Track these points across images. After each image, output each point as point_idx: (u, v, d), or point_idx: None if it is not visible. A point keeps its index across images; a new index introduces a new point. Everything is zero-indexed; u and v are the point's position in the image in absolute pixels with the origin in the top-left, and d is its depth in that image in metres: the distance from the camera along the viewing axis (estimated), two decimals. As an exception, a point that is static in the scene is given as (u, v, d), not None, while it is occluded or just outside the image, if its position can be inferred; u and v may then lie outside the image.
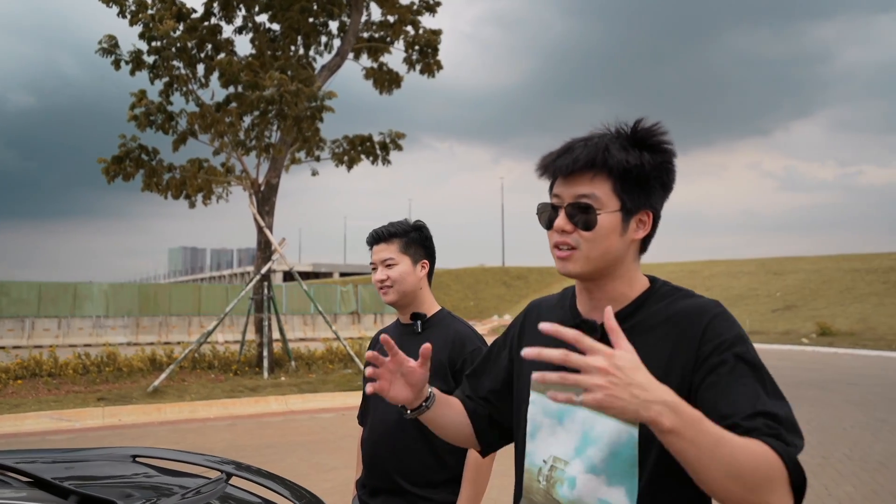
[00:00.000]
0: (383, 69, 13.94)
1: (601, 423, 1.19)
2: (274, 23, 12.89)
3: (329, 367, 12.75)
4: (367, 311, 31.75)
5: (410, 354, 2.24)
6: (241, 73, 10.79)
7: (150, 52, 10.95)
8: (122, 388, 10.60)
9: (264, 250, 12.38)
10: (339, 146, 13.57)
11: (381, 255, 2.23)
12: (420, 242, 2.27)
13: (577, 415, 1.24)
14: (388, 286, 2.22)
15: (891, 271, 32.29)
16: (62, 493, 2.29)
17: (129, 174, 11.76)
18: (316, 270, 72.19)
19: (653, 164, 1.21)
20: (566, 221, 1.23)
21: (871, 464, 6.61)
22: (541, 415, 1.31)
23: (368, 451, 2.26)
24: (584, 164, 1.20)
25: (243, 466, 2.99)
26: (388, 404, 2.17)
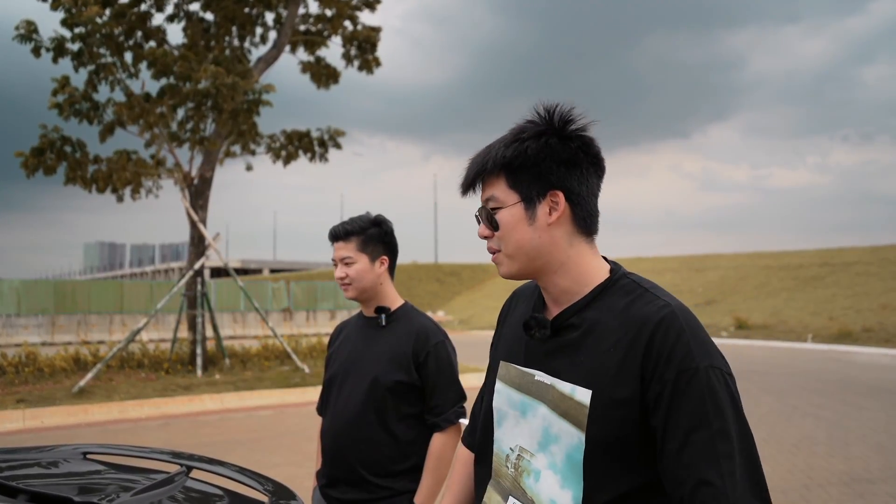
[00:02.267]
0: (321, 63, 13.80)
1: (557, 423, 1.18)
2: (207, 12, 12.54)
3: (265, 365, 12.55)
4: (299, 308, 31.28)
5: (376, 347, 2.25)
6: (175, 64, 10.45)
7: (73, 38, 10.42)
8: (44, 390, 10.10)
9: (197, 245, 12.04)
10: (275, 141, 13.36)
11: (339, 252, 2.27)
12: (379, 238, 2.29)
13: (538, 410, 1.23)
14: (347, 283, 2.27)
15: (800, 268, 34.43)
16: (10, 492, 2.24)
17: (50, 167, 11.18)
18: (245, 267, 70.36)
19: (537, 149, 1.20)
20: (483, 228, 1.28)
21: (785, 446, 7.13)
22: (506, 405, 1.31)
23: (329, 441, 2.27)
24: (475, 174, 1.24)
25: (201, 458, 2.97)
26: (349, 394, 2.23)
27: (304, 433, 7.94)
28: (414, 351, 2.21)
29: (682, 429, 1.06)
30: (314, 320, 30.86)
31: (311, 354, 14.12)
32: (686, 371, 1.07)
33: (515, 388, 1.29)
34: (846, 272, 31.18)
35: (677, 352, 1.09)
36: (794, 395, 10.60)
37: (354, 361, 2.28)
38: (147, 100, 11.40)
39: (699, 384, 1.07)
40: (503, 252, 1.25)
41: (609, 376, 1.13)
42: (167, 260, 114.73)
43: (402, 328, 2.26)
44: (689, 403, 1.06)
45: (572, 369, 1.18)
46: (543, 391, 1.22)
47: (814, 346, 20.53)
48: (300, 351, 14.14)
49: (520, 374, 1.29)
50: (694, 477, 1.04)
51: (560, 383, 1.19)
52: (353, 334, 2.38)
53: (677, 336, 1.10)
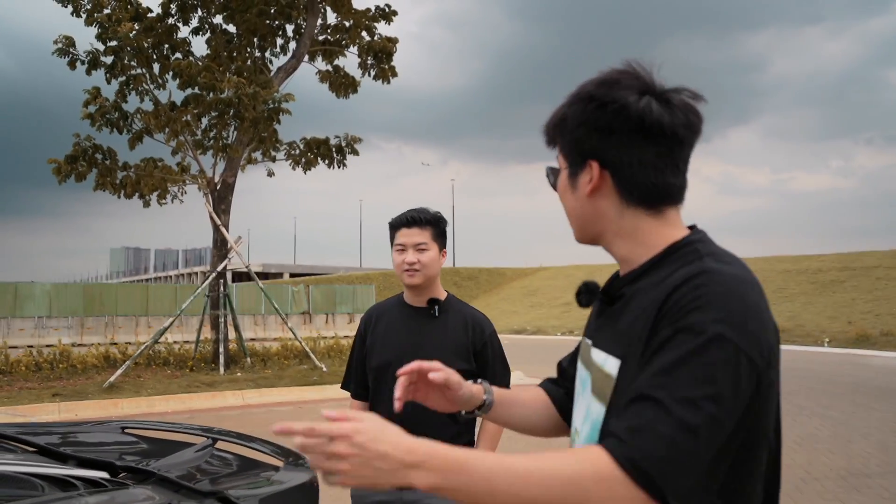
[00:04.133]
0: (339, 73, 14.26)
1: (592, 401, 1.13)
2: (230, 24, 13.06)
3: (284, 363, 12.99)
4: (318, 312, 31.79)
5: (428, 336, 2.32)
6: (200, 75, 10.96)
7: (106, 52, 11.00)
8: (77, 385, 10.62)
9: (220, 249, 12.54)
10: (295, 149, 13.84)
11: (414, 238, 2.29)
12: (443, 233, 2.39)
13: (588, 386, 1.16)
14: (417, 270, 2.29)
15: (818, 272, 34.20)
16: (62, 458, 2.60)
17: (82, 174, 11.77)
18: (265, 271, 71.33)
19: (574, 114, 1.11)
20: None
21: (787, 443, 7.32)
22: (578, 384, 1.26)
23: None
24: (546, 139, 1.21)
25: (226, 432, 3.33)
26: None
27: (321, 427, 8.31)
28: (472, 341, 2.31)
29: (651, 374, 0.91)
30: (333, 323, 31.33)
31: (329, 354, 14.55)
32: (686, 330, 0.90)
33: (582, 362, 1.24)
34: (867, 276, 30.92)
35: (686, 308, 0.92)
36: (803, 396, 10.73)
37: (414, 350, 2.22)
38: (173, 109, 11.94)
39: (694, 348, 0.88)
40: (569, 217, 1.21)
41: (634, 343, 1.00)
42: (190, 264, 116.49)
43: (455, 319, 2.34)
44: (671, 357, 0.89)
45: (608, 338, 1.11)
46: (592, 366, 1.16)
47: (830, 349, 20.48)
48: (318, 351, 14.57)
49: (584, 348, 1.26)
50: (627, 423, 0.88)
51: (597, 352, 1.13)
52: (398, 323, 2.38)
53: (695, 293, 0.93)
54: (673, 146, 1.08)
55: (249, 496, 2.26)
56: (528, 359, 16.30)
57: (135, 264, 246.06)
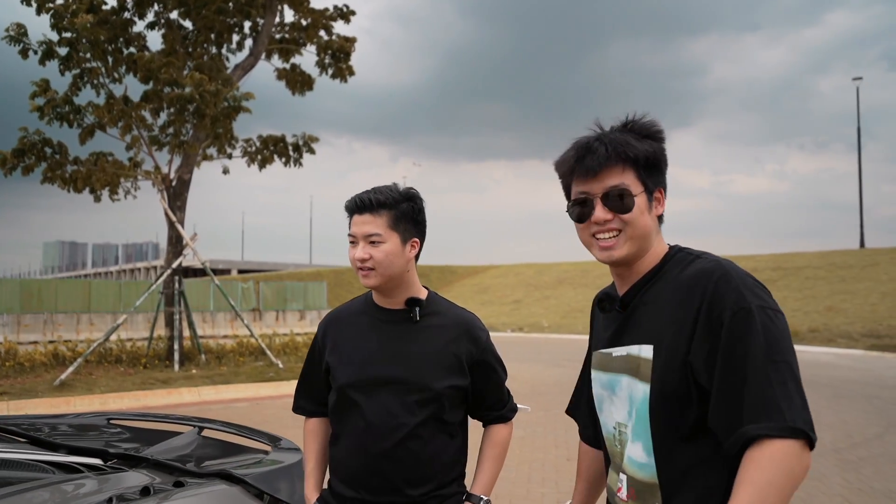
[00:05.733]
0: (296, 71, 14.32)
1: (633, 385, 1.34)
2: (187, 20, 12.96)
3: (240, 360, 13.01)
4: (268, 308, 31.50)
5: (410, 345, 1.85)
6: (160, 70, 10.89)
7: (60, 42, 10.81)
8: (25, 383, 10.43)
9: (175, 245, 12.46)
10: (251, 146, 13.84)
11: (364, 228, 1.80)
12: (412, 217, 1.85)
13: (622, 382, 1.38)
14: (370, 268, 1.81)
15: (754, 272, 35.78)
16: (53, 447, 2.70)
17: (29, 167, 11.52)
18: (213, 267, 69.67)
19: (659, 150, 1.40)
20: (605, 210, 1.37)
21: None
22: (600, 388, 1.47)
23: (361, 462, 1.84)
24: (614, 159, 1.35)
25: (210, 420, 3.44)
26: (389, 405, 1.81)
27: (280, 422, 8.46)
28: (468, 351, 1.88)
29: (740, 361, 1.18)
30: (283, 320, 31.11)
31: (285, 351, 14.61)
32: (741, 310, 1.20)
33: (603, 370, 1.45)
34: (797, 276, 32.64)
35: (728, 295, 1.22)
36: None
37: (392, 363, 1.84)
38: (126, 103, 11.80)
39: (754, 321, 1.19)
40: (626, 234, 1.36)
41: (666, 329, 1.29)
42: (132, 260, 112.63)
43: (442, 323, 1.89)
44: (746, 339, 1.18)
45: (638, 333, 1.35)
46: (623, 363, 1.38)
47: (763, 345, 21.59)
48: (273, 348, 14.61)
49: (603, 357, 1.46)
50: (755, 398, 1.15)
51: (631, 347, 1.36)
52: (369, 329, 1.91)
53: (726, 281, 1.24)
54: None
55: (252, 474, 2.25)
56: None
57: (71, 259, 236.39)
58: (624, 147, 1.35)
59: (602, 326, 1.52)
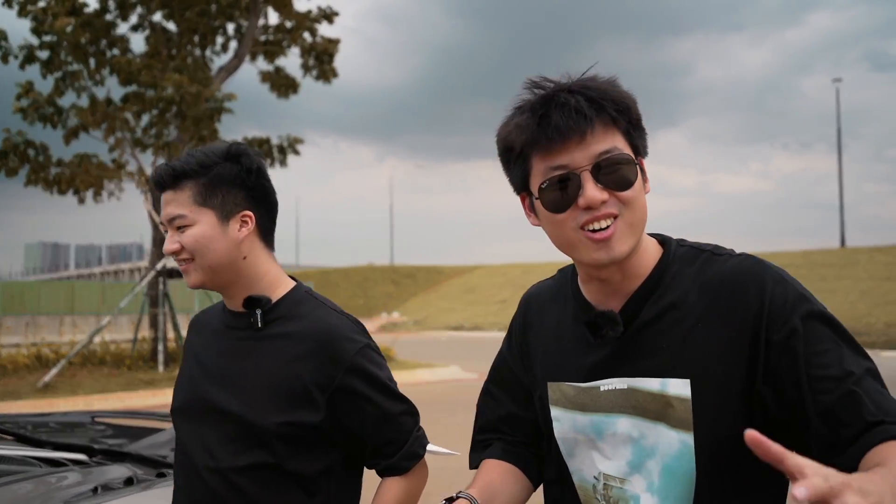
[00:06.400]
0: (280, 73, 14.40)
1: (652, 431, 1.01)
2: (170, 22, 13.01)
3: (224, 362, 13.07)
4: (254, 310, 31.52)
5: (247, 366, 1.35)
6: (140, 72, 10.95)
7: (41, 46, 10.84)
8: (8, 385, 10.43)
9: (160, 247, 12.49)
10: (236, 146, 13.88)
11: (166, 209, 1.37)
12: (236, 181, 1.36)
13: (617, 426, 1.05)
14: (187, 260, 1.36)
15: (737, 271, 36.43)
16: (37, 443, 2.81)
17: (12, 169, 11.52)
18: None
19: (634, 104, 1.03)
20: (599, 188, 0.98)
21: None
22: (571, 431, 1.11)
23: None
24: (599, 114, 0.98)
25: None
26: (205, 444, 1.34)
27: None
28: (322, 372, 1.32)
29: (835, 366, 0.92)
30: (269, 321, 31.12)
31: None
32: (811, 315, 0.95)
33: (578, 409, 1.09)
34: (779, 275, 33.14)
35: (791, 298, 0.96)
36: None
37: (214, 387, 1.37)
38: (109, 105, 11.84)
39: (825, 325, 0.96)
40: (625, 219, 0.99)
41: (707, 354, 0.98)
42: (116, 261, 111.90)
43: (292, 332, 1.35)
44: (830, 343, 0.94)
45: (656, 361, 1.01)
46: (620, 400, 1.04)
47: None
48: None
49: (580, 393, 1.09)
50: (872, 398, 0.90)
51: (644, 381, 1.02)
52: (212, 340, 1.45)
53: (783, 284, 0.98)
54: None
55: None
56: (466, 355, 16.90)
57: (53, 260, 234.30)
58: (608, 95, 0.98)
59: (560, 351, 1.14)
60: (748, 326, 0.97)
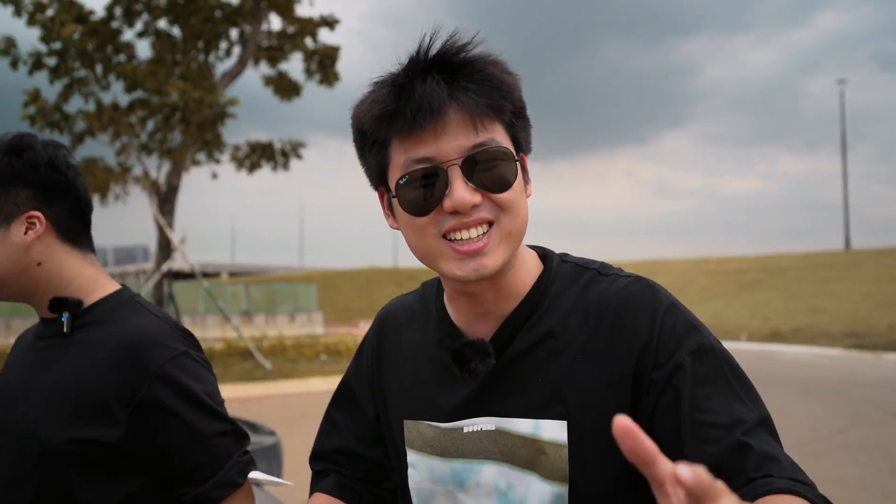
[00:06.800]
0: (283, 78, 14.62)
1: (522, 482, 0.87)
2: (175, 28, 13.24)
3: (229, 362, 13.28)
4: (258, 311, 31.69)
5: (41, 370, 1.18)
6: (146, 79, 11.19)
7: (49, 53, 11.10)
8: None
9: (165, 249, 12.73)
10: (239, 151, 14.14)
11: None
12: (18, 179, 1.19)
13: (482, 474, 0.90)
14: None
15: (740, 273, 36.41)
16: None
17: (21, 173, 11.77)
18: (203, 270, 69.78)
19: (518, 90, 0.87)
20: (470, 188, 0.82)
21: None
22: (428, 481, 0.95)
23: None
24: (475, 98, 0.81)
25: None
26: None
27: (267, 420, 8.73)
28: (126, 383, 1.14)
29: (712, 412, 0.79)
30: (273, 323, 31.32)
31: (273, 353, 14.88)
32: (701, 349, 0.82)
33: (438, 454, 0.94)
34: (782, 277, 33.21)
35: (680, 329, 0.84)
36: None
37: (8, 400, 1.23)
38: (115, 110, 12.07)
39: (718, 361, 0.83)
40: (502, 228, 0.84)
41: (588, 393, 0.84)
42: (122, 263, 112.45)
43: (99, 339, 1.19)
44: (714, 385, 0.81)
45: (528, 399, 0.87)
46: (486, 444, 0.90)
47: (747, 345, 22.05)
48: (262, 349, 14.88)
49: (440, 435, 0.94)
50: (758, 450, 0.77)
51: (514, 423, 0.87)
52: (24, 353, 1.31)
53: (673, 313, 0.85)
54: None
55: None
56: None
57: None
58: (491, 74, 0.82)
59: (432, 384, 0.95)
60: (633, 360, 0.84)
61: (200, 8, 12.42)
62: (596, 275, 0.92)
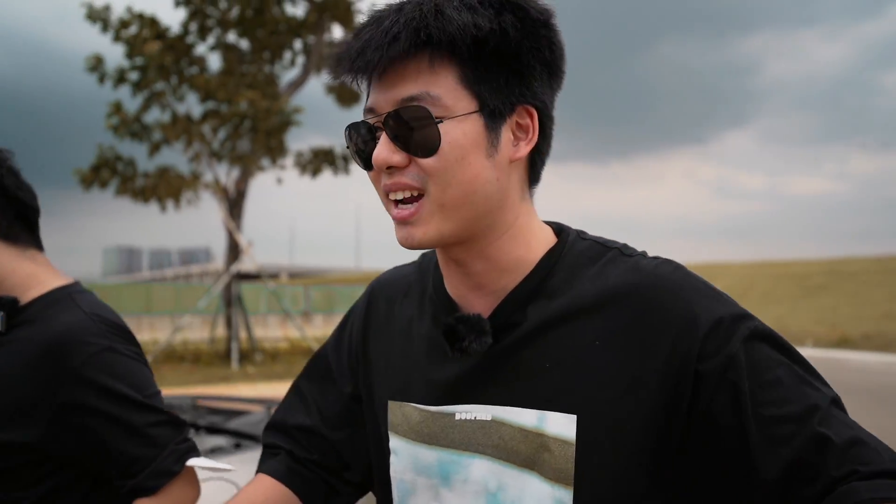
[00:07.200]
0: (343, 86, 15.08)
1: (517, 482, 0.76)
2: (243, 38, 13.93)
3: (292, 361, 13.83)
4: (316, 311, 32.55)
5: None
6: (218, 90, 11.86)
7: (132, 69, 11.93)
8: (101, 379, 11.42)
9: (233, 252, 13.39)
10: (302, 156, 14.74)
11: None
12: None
13: (471, 469, 0.80)
14: None
15: (805, 277, 35.18)
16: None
17: (104, 181, 12.63)
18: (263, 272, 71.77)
19: (522, 29, 0.74)
20: (389, 146, 0.74)
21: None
22: (410, 471, 0.85)
23: None
24: (405, 43, 0.70)
25: (278, 401, 4.07)
26: None
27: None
28: (44, 381, 1.13)
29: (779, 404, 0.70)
30: (331, 323, 32.11)
31: (334, 352, 15.43)
32: (754, 335, 0.73)
33: (423, 441, 0.84)
34: (851, 281, 31.92)
35: (727, 316, 0.73)
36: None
37: None
38: (189, 120, 12.82)
39: (775, 344, 0.74)
40: (432, 196, 0.74)
41: (604, 384, 0.74)
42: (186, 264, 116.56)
43: (31, 336, 1.17)
44: (775, 371, 0.72)
45: (533, 387, 0.77)
46: (479, 435, 0.80)
47: (813, 351, 21.35)
48: (324, 349, 15.45)
49: (427, 419, 0.84)
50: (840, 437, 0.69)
51: (515, 413, 0.78)
52: None
53: (713, 298, 0.75)
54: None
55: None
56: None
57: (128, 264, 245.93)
58: (432, 18, 0.71)
59: (422, 362, 0.87)
60: (666, 350, 0.73)
61: (268, 21, 13.03)
62: (619, 254, 0.82)
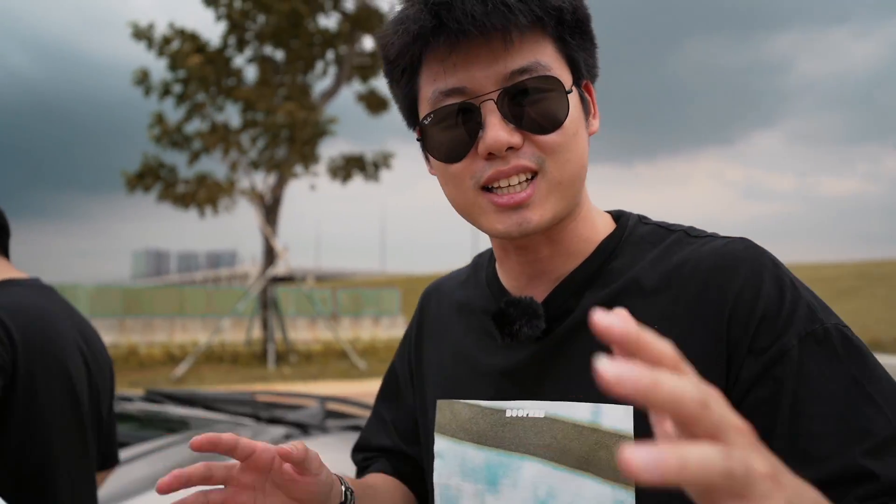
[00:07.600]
0: (374, 94, 15.58)
1: (571, 486, 0.69)
2: (279, 49, 14.48)
3: (325, 361, 14.29)
4: (345, 314, 33.03)
5: None
6: (258, 101, 12.41)
7: (176, 81, 12.53)
8: (148, 377, 11.99)
9: (269, 256, 13.91)
10: (334, 163, 15.23)
11: None
12: None
13: (521, 472, 0.72)
14: None
15: (836, 279, 34.77)
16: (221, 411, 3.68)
17: (147, 186, 13.26)
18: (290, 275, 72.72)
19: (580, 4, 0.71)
20: (509, 127, 0.67)
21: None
22: (456, 475, 0.79)
23: None
24: (520, 9, 0.64)
25: (331, 397, 4.40)
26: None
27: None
28: None
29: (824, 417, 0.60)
30: (358, 325, 32.56)
31: (365, 354, 15.83)
32: (816, 335, 0.63)
33: (473, 440, 0.78)
34: (884, 284, 31.49)
35: (791, 303, 0.64)
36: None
37: None
38: (227, 130, 13.41)
39: (843, 351, 0.63)
40: (549, 177, 0.69)
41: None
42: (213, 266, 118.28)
43: None
44: (835, 381, 0.61)
45: (588, 379, 0.68)
46: (531, 435, 0.73)
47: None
48: (356, 350, 15.87)
49: (478, 415, 0.78)
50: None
51: (569, 407, 0.71)
52: None
53: (783, 280, 0.66)
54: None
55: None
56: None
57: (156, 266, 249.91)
58: None
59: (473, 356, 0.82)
60: (723, 328, 0.66)
61: (302, 33, 13.53)
62: (684, 236, 0.74)
